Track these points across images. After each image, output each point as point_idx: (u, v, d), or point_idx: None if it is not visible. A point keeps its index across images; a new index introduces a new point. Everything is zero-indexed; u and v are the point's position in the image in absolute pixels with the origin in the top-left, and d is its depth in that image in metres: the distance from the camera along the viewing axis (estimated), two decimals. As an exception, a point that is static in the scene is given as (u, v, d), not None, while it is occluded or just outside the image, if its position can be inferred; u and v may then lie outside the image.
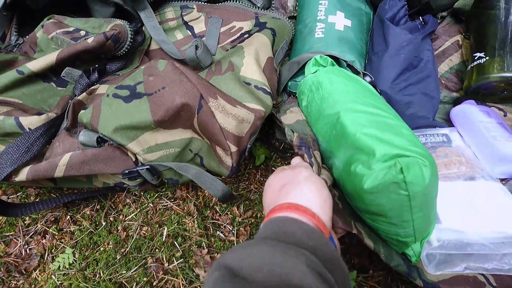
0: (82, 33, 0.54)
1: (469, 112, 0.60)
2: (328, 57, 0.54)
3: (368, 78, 0.54)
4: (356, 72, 0.54)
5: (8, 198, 0.54)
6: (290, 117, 0.54)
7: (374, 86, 0.53)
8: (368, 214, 0.42)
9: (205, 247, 0.53)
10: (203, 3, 0.63)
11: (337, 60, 0.57)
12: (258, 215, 0.58)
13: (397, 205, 0.38)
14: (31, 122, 0.44)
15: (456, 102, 0.65)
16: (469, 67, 0.63)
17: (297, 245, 0.28)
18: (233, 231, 0.55)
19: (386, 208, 0.38)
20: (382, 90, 0.58)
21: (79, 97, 0.47)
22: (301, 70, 0.60)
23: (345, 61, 0.55)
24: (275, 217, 0.32)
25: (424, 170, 0.35)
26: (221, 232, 0.55)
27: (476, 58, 0.62)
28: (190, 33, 0.61)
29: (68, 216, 0.54)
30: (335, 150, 0.45)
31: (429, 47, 0.62)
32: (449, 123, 0.63)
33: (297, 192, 0.35)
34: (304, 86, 0.54)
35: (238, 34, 0.61)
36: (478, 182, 0.52)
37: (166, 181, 0.50)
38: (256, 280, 0.24)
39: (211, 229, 0.55)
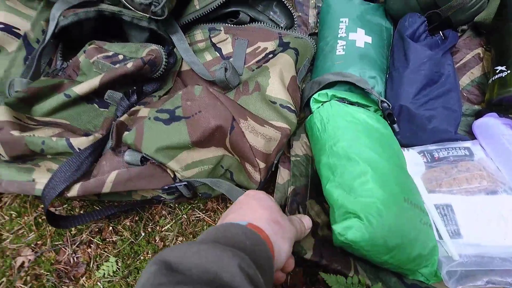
0: (121, 57, 0.59)
1: (491, 125, 0.61)
2: (328, 92, 0.58)
3: (386, 105, 0.56)
4: (371, 100, 0.58)
5: (56, 210, 0.60)
6: (296, 147, 0.59)
7: (391, 112, 0.56)
8: None
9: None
10: (230, 25, 0.67)
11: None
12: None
13: (361, 254, 0.44)
14: (80, 142, 0.48)
15: (478, 115, 0.66)
16: (491, 80, 0.64)
17: (235, 246, 0.30)
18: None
19: (358, 255, 0.46)
20: (404, 105, 0.60)
21: (121, 119, 0.51)
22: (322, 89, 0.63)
23: (358, 94, 0.58)
24: (220, 224, 0.35)
25: (362, 227, 0.42)
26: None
27: (497, 71, 0.63)
28: (218, 55, 0.65)
29: (111, 227, 0.58)
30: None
31: (449, 62, 0.63)
32: (471, 136, 0.64)
33: (246, 210, 0.38)
34: (307, 125, 0.59)
35: (263, 54, 0.64)
36: (500, 196, 0.53)
37: (200, 195, 0.54)
38: (191, 275, 0.26)
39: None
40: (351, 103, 0.61)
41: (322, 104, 0.61)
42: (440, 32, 0.66)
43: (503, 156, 0.58)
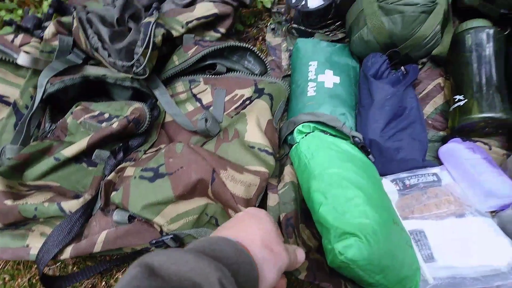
0: (106, 115, 0.63)
1: (455, 150, 0.66)
2: (310, 124, 0.62)
3: (357, 140, 0.61)
4: (345, 135, 0.62)
5: (49, 268, 0.62)
6: (285, 176, 0.62)
7: (364, 145, 0.61)
8: None
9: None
10: (208, 76, 0.72)
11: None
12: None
13: (356, 275, 0.46)
14: (71, 206, 0.52)
15: (443, 140, 0.71)
16: (451, 108, 0.69)
17: (221, 261, 0.30)
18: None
19: (351, 276, 0.47)
20: (373, 139, 0.65)
21: (109, 177, 0.55)
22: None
23: (334, 127, 0.62)
24: (210, 236, 0.35)
25: (361, 246, 0.44)
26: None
27: (456, 100, 0.68)
28: (199, 105, 0.69)
29: (103, 282, 0.61)
30: (315, 220, 0.54)
31: (412, 95, 0.69)
32: (439, 160, 0.68)
33: (241, 228, 0.37)
34: (291, 156, 0.63)
35: (241, 101, 0.69)
36: (467, 218, 0.58)
37: (187, 243, 0.57)
38: (171, 282, 0.26)
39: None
40: (332, 135, 0.65)
41: (305, 135, 0.65)
42: (402, 67, 0.72)
43: (467, 179, 0.62)
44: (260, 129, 0.62)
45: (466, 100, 0.67)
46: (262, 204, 0.60)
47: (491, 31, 0.68)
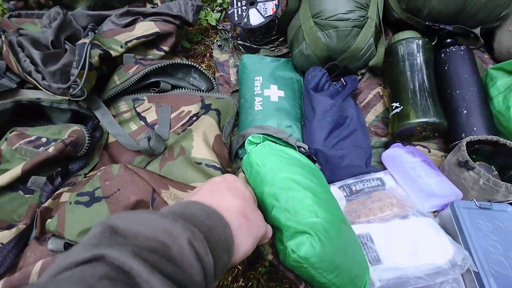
0: (44, 140, 0.60)
1: (396, 155, 0.69)
2: (260, 135, 0.63)
3: (302, 150, 0.62)
4: (292, 145, 0.63)
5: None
6: None
7: (310, 154, 0.62)
8: None
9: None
10: (152, 94, 0.71)
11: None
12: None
13: (308, 274, 0.46)
14: (3, 237, 0.48)
15: (386, 145, 0.74)
16: (390, 115, 0.73)
17: (192, 223, 0.28)
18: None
19: (304, 277, 0.47)
20: (318, 149, 0.67)
21: (45, 204, 0.52)
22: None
23: (281, 139, 0.63)
24: (180, 201, 0.34)
25: (313, 243, 0.45)
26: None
27: (394, 107, 0.72)
28: (143, 123, 0.68)
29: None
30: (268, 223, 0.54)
31: (351, 105, 0.72)
32: (383, 166, 0.71)
33: (216, 195, 0.36)
34: (243, 166, 0.63)
35: (188, 118, 0.69)
36: (410, 219, 0.60)
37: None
38: (137, 240, 0.25)
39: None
40: (281, 145, 0.67)
41: (256, 145, 0.66)
42: (342, 79, 0.75)
43: (408, 182, 0.65)
44: (207, 144, 0.62)
45: (402, 107, 0.70)
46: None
47: (420, 42, 0.74)
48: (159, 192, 0.50)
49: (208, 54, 0.90)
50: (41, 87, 0.60)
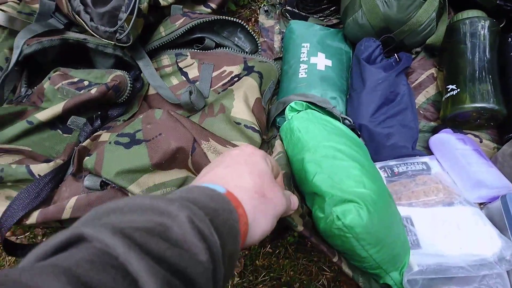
0: (86, 83, 0.59)
1: (446, 140, 0.65)
2: (303, 102, 0.60)
3: (347, 122, 0.59)
4: (335, 117, 0.60)
5: (17, 238, 0.58)
6: (278, 147, 0.59)
7: (354, 128, 0.59)
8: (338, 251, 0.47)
9: None
10: (196, 50, 0.69)
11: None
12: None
13: (349, 246, 0.43)
14: (40, 169, 0.48)
15: (434, 131, 0.69)
16: (444, 98, 0.68)
17: (193, 204, 0.26)
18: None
19: (343, 248, 0.45)
20: (363, 124, 0.63)
21: (84, 144, 0.51)
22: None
23: (325, 109, 0.60)
24: (185, 186, 0.31)
25: (361, 212, 0.42)
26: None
27: (449, 90, 0.67)
28: (184, 79, 0.67)
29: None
30: (305, 192, 0.51)
31: (404, 82, 0.67)
32: (429, 151, 0.67)
33: (229, 172, 0.33)
34: (282, 132, 0.60)
35: (229, 78, 0.66)
36: (455, 207, 0.56)
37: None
38: (128, 222, 0.22)
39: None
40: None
41: (298, 112, 0.62)
42: (395, 54, 0.70)
43: (457, 169, 0.61)
44: (247, 105, 0.60)
45: (459, 90, 0.65)
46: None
47: (487, 22, 0.68)
48: (199, 143, 0.48)
49: (253, 19, 0.87)
50: (88, 29, 0.60)
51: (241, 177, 0.32)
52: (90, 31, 0.60)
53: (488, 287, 0.49)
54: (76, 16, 0.60)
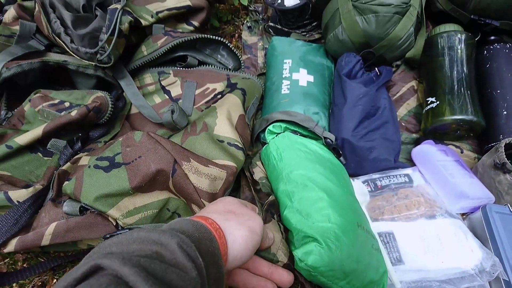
0: (67, 104, 0.59)
1: (427, 151, 0.65)
2: (281, 124, 0.61)
3: (329, 141, 0.60)
4: (317, 135, 0.61)
5: (-3, 265, 0.57)
6: (257, 172, 0.60)
7: (335, 146, 0.60)
8: None
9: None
10: (178, 68, 0.70)
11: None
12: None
13: (319, 281, 0.45)
14: (19, 195, 0.47)
15: (416, 142, 0.70)
16: (424, 110, 0.69)
17: (181, 233, 0.31)
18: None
19: (316, 283, 0.46)
20: (345, 138, 0.64)
21: (64, 167, 0.51)
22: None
23: (307, 128, 0.61)
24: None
25: (321, 252, 0.43)
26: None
27: (429, 102, 0.68)
28: (167, 97, 0.67)
29: (55, 279, 0.56)
30: None
31: (385, 96, 0.68)
32: (412, 163, 0.68)
33: (228, 224, 0.38)
34: (261, 156, 0.62)
35: (212, 95, 0.67)
36: (437, 220, 0.57)
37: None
38: (129, 252, 0.27)
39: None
40: (303, 135, 0.64)
41: (276, 135, 0.63)
42: (376, 68, 0.72)
43: (439, 181, 0.61)
44: (230, 123, 0.60)
45: (438, 103, 0.67)
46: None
47: (463, 36, 0.69)
48: (180, 164, 0.48)
49: (236, 35, 0.87)
50: (69, 50, 0.59)
51: (212, 207, 0.41)
52: (71, 52, 0.60)
53: (472, 299, 0.50)
54: (57, 38, 0.60)
